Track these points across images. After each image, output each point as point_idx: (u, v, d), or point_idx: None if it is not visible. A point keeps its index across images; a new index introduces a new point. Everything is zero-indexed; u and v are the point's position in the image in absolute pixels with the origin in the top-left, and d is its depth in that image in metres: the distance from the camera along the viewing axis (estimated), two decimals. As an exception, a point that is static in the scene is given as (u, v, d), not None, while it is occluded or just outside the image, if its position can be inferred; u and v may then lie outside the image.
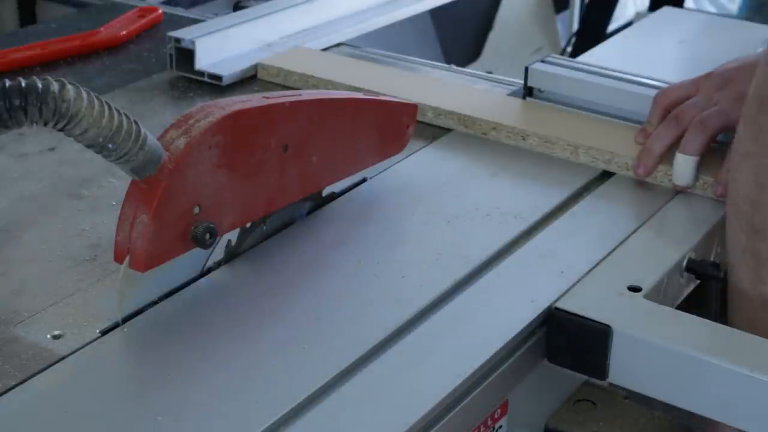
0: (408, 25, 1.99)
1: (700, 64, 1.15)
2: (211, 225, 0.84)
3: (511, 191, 1.06)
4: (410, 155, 1.11)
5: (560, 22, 2.97)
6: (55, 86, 0.71)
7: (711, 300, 0.97)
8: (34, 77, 0.72)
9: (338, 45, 1.44)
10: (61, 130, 0.73)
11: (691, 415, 0.86)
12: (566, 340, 0.85)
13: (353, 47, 1.45)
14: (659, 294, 0.90)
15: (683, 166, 1.04)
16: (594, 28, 2.68)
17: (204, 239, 0.84)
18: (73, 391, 0.77)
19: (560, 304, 0.86)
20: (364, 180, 1.06)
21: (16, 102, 0.70)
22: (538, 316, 0.85)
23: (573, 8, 3.00)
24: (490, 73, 1.48)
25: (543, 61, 1.23)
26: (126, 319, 0.84)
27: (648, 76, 1.19)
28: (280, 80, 1.29)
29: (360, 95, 1.03)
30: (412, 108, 1.07)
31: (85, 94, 0.73)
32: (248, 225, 0.93)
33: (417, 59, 1.43)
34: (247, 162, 0.87)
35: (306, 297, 0.89)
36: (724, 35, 1.44)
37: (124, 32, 1.44)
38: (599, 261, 0.93)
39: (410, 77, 1.29)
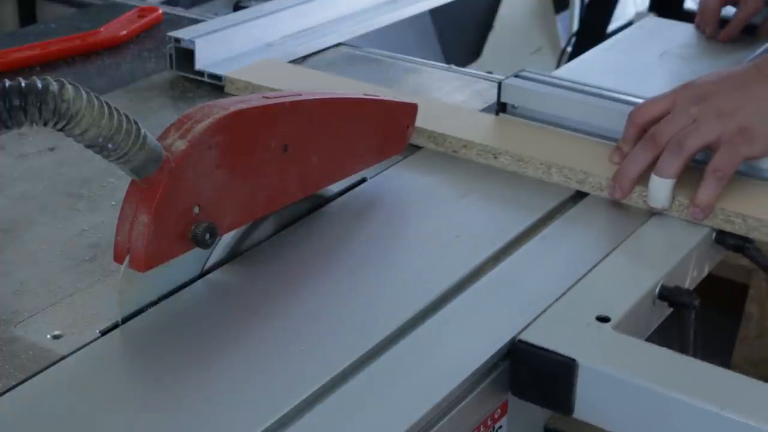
0: (408, 25, 1.99)
1: (681, 78, 1.10)
2: (211, 225, 0.84)
3: (480, 214, 1.02)
4: (377, 175, 1.07)
5: (560, 22, 2.97)
6: (54, 86, 0.71)
7: (685, 330, 0.93)
8: (34, 77, 0.72)
9: (338, 45, 1.44)
10: (60, 130, 0.73)
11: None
12: (530, 373, 0.81)
13: (353, 47, 1.45)
14: (630, 324, 0.86)
15: (659, 189, 1.00)
16: (594, 28, 2.68)
17: (204, 239, 0.84)
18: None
19: (524, 336, 0.82)
20: (363, 180, 1.06)
21: (16, 102, 0.70)
22: (501, 348, 0.81)
23: (573, 8, 3.00)
24: (490, 73, 1.48)
25: (517, 76, 1.19)
26: (126, 319, 0.84)
27: (625, 92, 1.14)
28: (251, 92, 1.23)
29: (360, 95, 1.03)
30: (412, 108, 1.07)
31: (84, 94, 0.73)
32: (248, 225, 0.93)
33: (417, 59, 1.43)
34: (247, 162, 0.87)
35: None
36: (708, 47, 1.41)
37: (124, 32, 1.44)
38: (568, 289, 0.89)
39: (382, 90, 1.21)
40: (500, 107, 1.18)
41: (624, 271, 0.93)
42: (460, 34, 2.63)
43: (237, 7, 1.88)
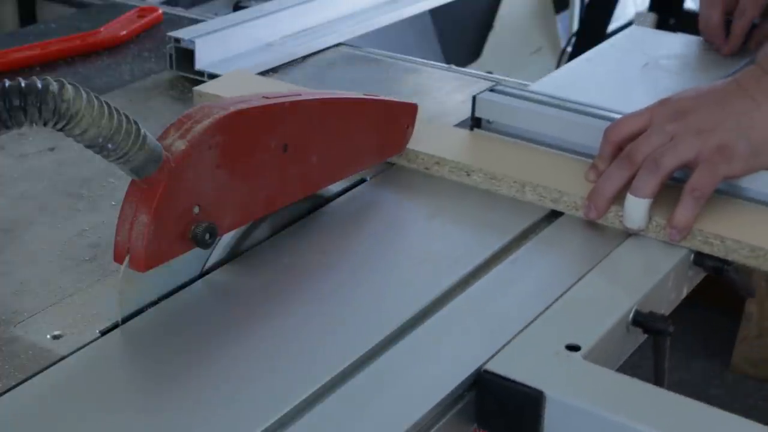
0: (408, 25, 1.99)
1: (663, 91, 1.07)
2: (211, 225, 0.84)
3: (450, 235, 0.99)
4: (345, 192, 1.04)
5: (560, 22, 2.98)
6: (54, 86, 0.71)
7: (660, 357, 0.90)
8: (34, 77, 0.72)
9: (338, 45, 1.44)
10: (60, 130, 0.73)
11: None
12: (497, 405, 0.78)
13: (353, 47, 1.45)
14: (601, 352, 0.83)
15: (635, 209, 0.95)
16: (594, 28, 2.68)
17: (204, 239, 0.84)
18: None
19: (491, 366, 0.78)
20: (363, 180, 1.06)
21: (16, 102, 0.70)
22: (466, 379, 0.78)
23: (573, 8, 3.01)
24: (490, 73, 1.48)
25: (492, 90, 1.15)
26: (126, 319, 0.84)
27: (603, 107, 1.10)
28: None
29: (360, 95, 1.03)
30: (411, 108, 1.07)
31: (84, 94, 0.73)
32: (248, 225, 0.93)
33: (417, 59, 1.43)
34: (246, 162, 0.87)
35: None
36: (692, 58, 1.35)
37: (124, 32, 1.44)
38: (538, 315, 0.85)
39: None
40: (475, 122, 1.14)
41: (597, 296, 0.89)
42: (460, 34, 2.63)
43: (237, 7, 1.88)
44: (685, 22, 2.69)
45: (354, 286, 0.90)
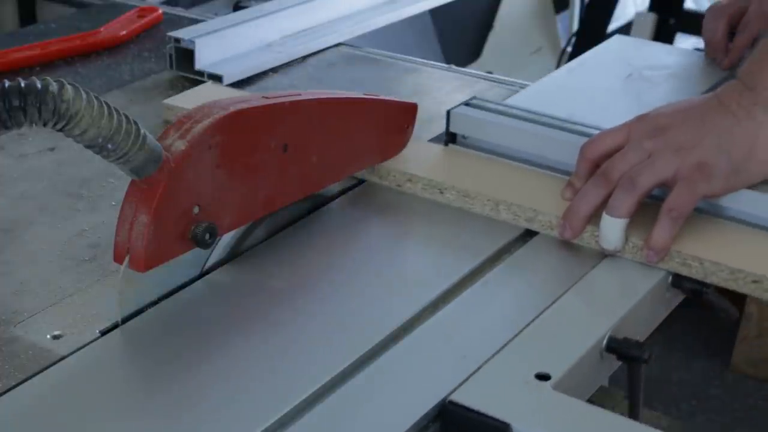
0: (408, 25, 1.99)
1: (645, 103, 1.04)
2: (211, 225, 0.84)
3: (420, 256, 0.96)
4: (313, 211, 1.01)
5: (560, 22, 2.98)
6: (54, 86, 0.71)
7: (635, 385, 0.85)
8: (34, 77, 0.72)
9: (338, 45, 1.44)
10: (60, 130, 0.73)
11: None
12: None
13: (353, 47, 1.45)
14: (573, 381, 0.79)
15: (610, 229, 0.92)
16: (594, 28, 2.69)
17: (204, 239, 0.84)
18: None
19: (456, 397, 0.75)
20: (363, 180, 1.06)
21: (16, 102, 0.70)
22: (430, 410, 0.75)
23: (573, 8, 3.01)
24: (490, 73, 1.48)
25: (467, 104, 1.11)
26: (126, 319, 0.84)
27: (581, 122, 1.07)
28: None
29: (360, 95, 1.03)
30: (411, 108, 1.07)
31: (84, 94, 0.73)
32: (248, 225, 0.93)
33: (417, 59, 1.43)
34: (246, 162, 0.87)
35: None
36: (676, 69, 1.32)
37: (124, 32, 1.44)
38: (508, 341, 0.81)
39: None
40: (449, 137, 1.10)
41: (570, 321, 0.85)
42: (460, 34, 2.63)
43: (237, 7, 1.88)
44: (685, 22, 2.70)
45: (312, 315, 0.86)
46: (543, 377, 0.77)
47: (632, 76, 1.27)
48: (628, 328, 0.86)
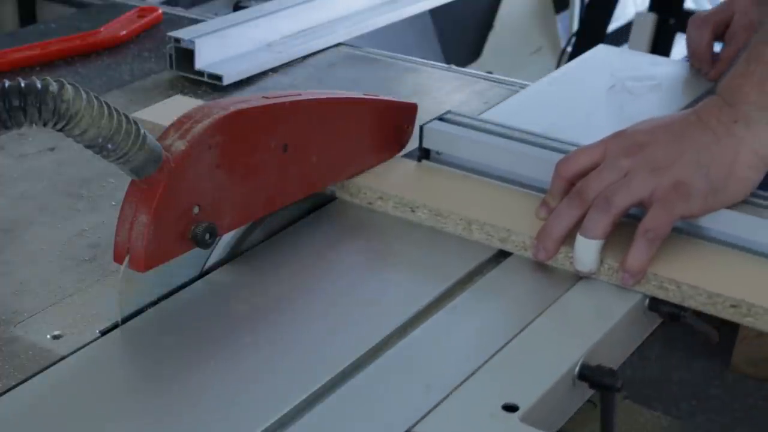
0: (408, 25, 1.99)
1: (627, 115, 1.02)
2: (211, 225, 0.84)
3: (389, 279, 0.91)
4: (281, 231, 0.97)
5: (560, 22, 2.98)
6: (54, 86, 0.71)
7: (608, 414, 0.81)
8: (34, 77, 0.72)
9: (338, 45, 1.44)
10: (60, 130, 0.73)
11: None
12: None
13: (353, 47, 1.45)
14: (542, 412, 0.75)
15: (585, 251, 0.88)
16: (594, 28, 2.68)
17: (204, 239, 0.84)
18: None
19: (419, 429, 0.72)
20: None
21: (16, 102, 0.70)
22: None
23: (573, 8, 3.01)
24: (490, 73, 1.48)
25: (441, 119, 1.07)
26: (126, 319, 0.84)
27: (558, 138, 1.03)
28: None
29: (360, 95, 1.03)
30: (411, 108, 1.07)
31: (84, 94, 0.73)
32: (248, 225, 0.93)
33: (417, 59, 1.43)
34: (246, 162, 0.87)
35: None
36: (659, 79, 1.28)
37: (124, 32, 1.44)
38: (476, 369, 0.78)
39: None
40: (422, 153, 1.06)
41: (541, 348, 0.81)
42: (460, 34, 2.63)
43: (237, 7, 1.89)
44: (685, 23, 2.69)
45: (274, 342, 0.83)
46: (510, 408, 0.74)
47: (615, 88, 1.24)
48: (603, 354, 0.82)
